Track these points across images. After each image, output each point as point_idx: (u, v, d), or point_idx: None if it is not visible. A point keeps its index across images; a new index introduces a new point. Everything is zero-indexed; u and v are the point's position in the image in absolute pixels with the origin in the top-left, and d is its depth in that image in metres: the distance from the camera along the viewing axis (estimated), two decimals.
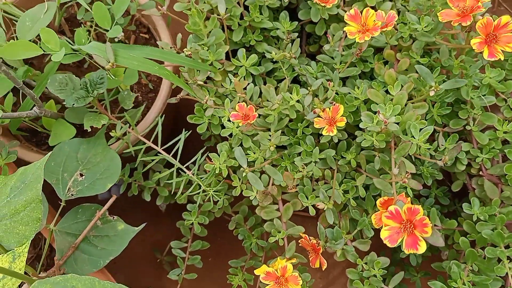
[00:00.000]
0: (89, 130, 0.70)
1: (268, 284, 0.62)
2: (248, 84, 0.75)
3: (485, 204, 0.74)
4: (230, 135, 0.73)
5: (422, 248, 0.51)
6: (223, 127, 0.75)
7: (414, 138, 0.64)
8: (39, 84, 0.72)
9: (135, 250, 1.08)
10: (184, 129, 0.74)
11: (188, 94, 0.70)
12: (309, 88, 0.71)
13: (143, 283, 1.04)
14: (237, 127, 0.71)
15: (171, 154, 0.74)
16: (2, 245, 0.52)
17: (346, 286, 1.10)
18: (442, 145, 0.74)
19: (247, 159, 0.68)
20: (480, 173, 0.75)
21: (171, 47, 0.74)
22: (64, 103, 0.68)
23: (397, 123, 0.66)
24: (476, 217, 0.71)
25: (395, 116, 0.64)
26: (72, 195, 0.67)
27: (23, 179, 0.54)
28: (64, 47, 0.67)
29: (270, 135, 0.70)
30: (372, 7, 0.74)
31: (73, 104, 0.67)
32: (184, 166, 0.73)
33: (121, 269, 1.06)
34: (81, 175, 0.68)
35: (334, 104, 0.64)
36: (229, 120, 0.70)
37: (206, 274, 1.07)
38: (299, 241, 0.69)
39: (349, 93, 0.71)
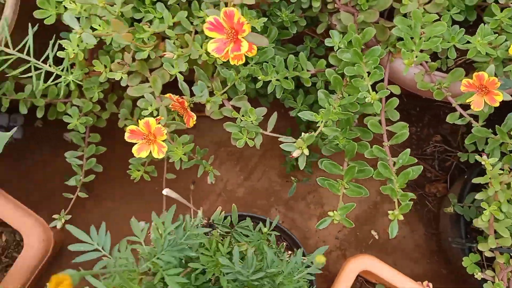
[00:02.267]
0: None
1: (136, 143, 0.62)
2: None
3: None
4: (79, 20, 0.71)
5: (244, 47, 0.52)
6: None
7: None
8: None
9: (51, 183, 1.07)
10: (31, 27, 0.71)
11: None
12: None
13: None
14: (80, 7, 0.69)
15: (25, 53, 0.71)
16: None
17: (265, 174, 1.14)
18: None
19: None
20: (335, 6, 0.76)
21: None
22: None
23: None
24: (338, 47, 0.73)
25: None
26: None
27: None
28: None
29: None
30: None
31: None
32: (41, 60, 0.71)
33: (41, 203, 1.04)
34: None
35: None
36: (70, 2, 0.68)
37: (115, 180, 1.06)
38: (170, 106, 0.69)
39: None
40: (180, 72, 0.71)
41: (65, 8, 0.72)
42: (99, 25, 0.68)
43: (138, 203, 1.05)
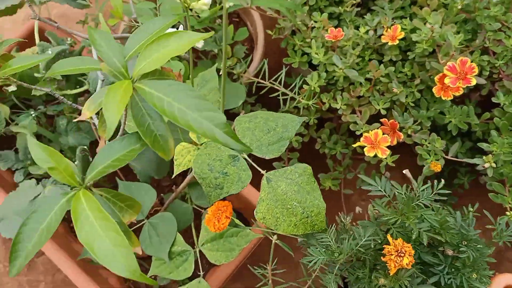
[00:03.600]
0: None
1: (365, 146, 0.88)
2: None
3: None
4: (315, 67, 1.03)
5: (473, 81, 0.79)
6: (309, 64, 1.06)
7: (451, 40, 0.93)
8: None
9: None
10: (284, 67, 1.04)
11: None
12: (370, 26, 1.02)
13: None
14: (323, 56, 1.00)
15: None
16: None
17: None
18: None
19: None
20: (500, 76, 1.03)
21: None
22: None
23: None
24: (502, 103, 0.99)
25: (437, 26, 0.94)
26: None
27: (204, 77, 0.83)
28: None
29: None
30: None
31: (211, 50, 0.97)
32: (288, 89, 1.02)
33: None
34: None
35: (394, 24, 0.94)
36: (315, 54, 1.00)
37: None
38: (379, 128, 0.96)
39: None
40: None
41: (308, 57, 1.04)
42: (334, 71, 0.99)
43: None
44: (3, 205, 0.83)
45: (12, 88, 0.83)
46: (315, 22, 1.06)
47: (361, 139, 0.89)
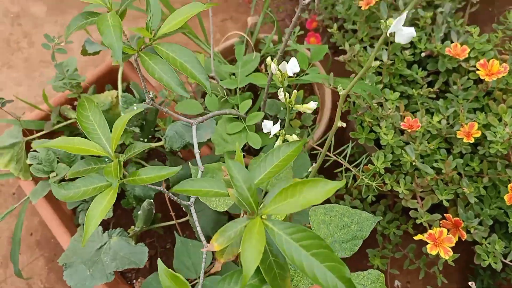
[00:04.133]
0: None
1: (429, 243, 0.88)
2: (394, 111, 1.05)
3: None
4: (380, 145, 1.03)
5: None
6: (375, 142, 1.06)
7: None
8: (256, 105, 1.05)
9: None
10: (350, 141, 1.04)
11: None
12: (443, 114, 1.01)
13: None
14: (391, 138, 1.00)
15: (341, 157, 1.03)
16: None
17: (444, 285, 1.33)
18: None
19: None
20: None
21: None
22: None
23: None
24: None
25: None
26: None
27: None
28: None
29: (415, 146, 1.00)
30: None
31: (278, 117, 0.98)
32: (351, 166, 1.02)
33: None
34: None
35: (473, 121, 0.94)
36: (384, 135, 1.01)
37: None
38: (440, 222, 0.95)
39: (472, 119, 1.01)
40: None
41: (375, 134, 1.04)
42: (401, 155, 0.99)
43: None
44: (69, 250, 0.85)
45: None
46: (386, 100, 1.06)
47: (425, 235, 0.88)
